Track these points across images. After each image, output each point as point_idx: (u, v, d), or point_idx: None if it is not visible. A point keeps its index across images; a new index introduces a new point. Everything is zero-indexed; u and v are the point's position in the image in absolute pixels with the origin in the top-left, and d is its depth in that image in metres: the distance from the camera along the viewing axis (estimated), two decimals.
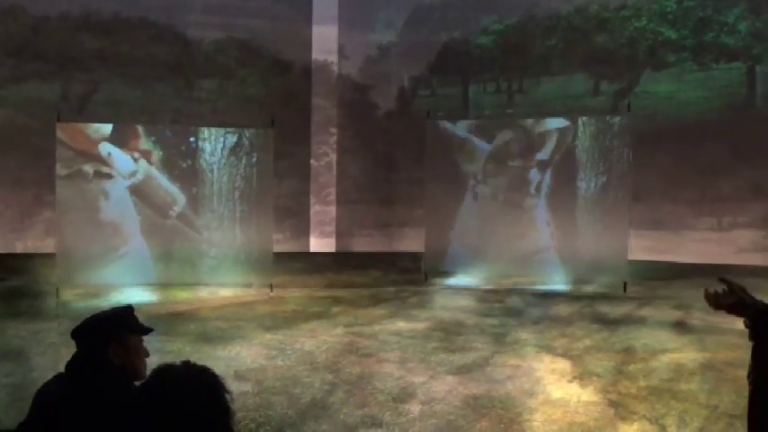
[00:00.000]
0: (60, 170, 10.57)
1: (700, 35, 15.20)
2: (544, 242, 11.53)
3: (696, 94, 15.21)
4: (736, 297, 2.80)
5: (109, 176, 10.77)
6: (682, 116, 15.13)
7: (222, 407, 2.11)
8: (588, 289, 11.19)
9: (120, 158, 10.79)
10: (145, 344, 3.10)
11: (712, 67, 15.11)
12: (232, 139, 11.08)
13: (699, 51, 15.22)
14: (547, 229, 11.54)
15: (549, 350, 7.51)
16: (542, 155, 11.62)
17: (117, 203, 10.81)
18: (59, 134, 10.58)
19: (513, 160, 11.82)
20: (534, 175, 11.65)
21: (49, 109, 13.72)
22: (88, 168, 10.69)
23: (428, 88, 17.60)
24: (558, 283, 11.49)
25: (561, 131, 11.62)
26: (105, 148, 10.73)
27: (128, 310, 3.10)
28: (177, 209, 10.99)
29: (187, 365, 2.19)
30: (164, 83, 16.09)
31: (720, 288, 2.85)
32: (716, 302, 2.86)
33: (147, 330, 3.11)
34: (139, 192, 10.86)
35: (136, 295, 9.94)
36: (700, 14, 15.22)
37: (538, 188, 11.62)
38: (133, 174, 10.83)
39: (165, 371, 2.15)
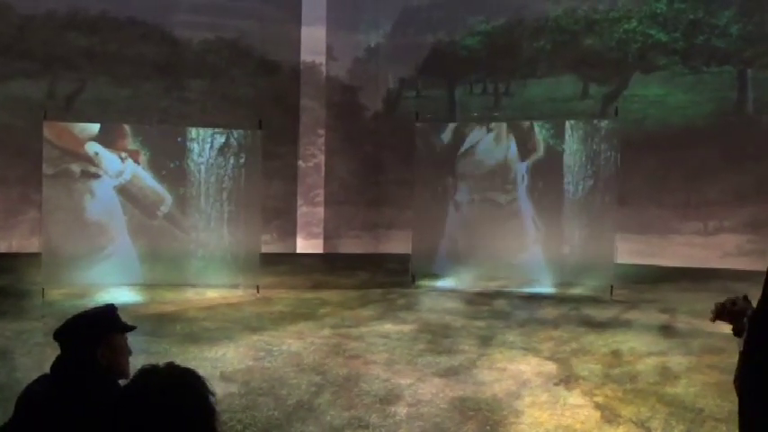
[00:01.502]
0: (47, 169, 10.50)
1: (690, 38, 15.12)
2: (530, 245, 11.55)
3: (686, 98, 15.14)
4: (736, 304, 2.88)
5: (95, 176, 10.72)
6: (671, 120, 15.07)
7: (206, 408, 2.10)
8: (575, 292, 11.23)
9: (107, 158, 10.74)
10: (131, 345, 3.09)
11: (703, 71, 15.04)
12: (220, 139, 11.06)
13: (689, 54, 15.13)
14: (533, 231, 11.56)
15: (536, 353, 7.53)
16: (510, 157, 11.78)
17: (103, 203, 10.76)
18: (46, 133, 10.52)
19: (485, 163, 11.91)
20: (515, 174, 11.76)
21: (34, 108, 13.68)
22: (75, 168, 10.63)
23: (414, 90, 17.55)
24: (545, 286, 11.51)
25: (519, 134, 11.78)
26: (92, 148, 10.68)
27: (111, 309, 3.08)
28: (164, 209, 10.95)
29: (170, 367, 2.17)
30: (151, 82, 16.02)
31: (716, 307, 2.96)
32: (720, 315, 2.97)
33: (131, 328, 3.10)
34: (126, 192, 10.82)
35: (122, 295, 9.91)
36: (690, 17, 15.12)
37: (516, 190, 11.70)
38: (120, 173, 10.78)
39: (148, 372, 2.13)
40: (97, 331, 2.96)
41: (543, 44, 16.36)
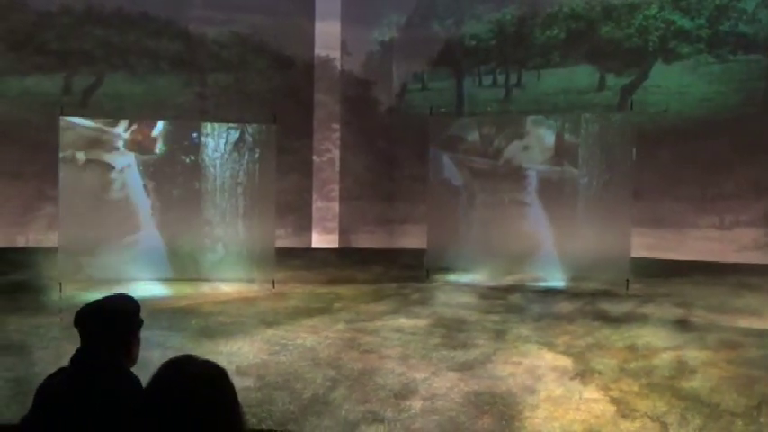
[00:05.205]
0: (62, 163, 10.57)
1: (716, 24, 14.47)
2: (545, 239, 11.51)
3: (711, 89, 14.56)
4: None
5: (111, 169, 10.78)
6: (694, 112, 14.58)
7: (234, 397, 2.13)
8: (590, 286, 11.19)
9: (115, 153, 10.82)
10: (147, 339, 3.11)
11: (729, 60, 14.43)
12: (235, 134, 11.08)
13: (715, 42, 14.46)
14: (547, 226, 11.52)
15: (551, 347, 7.51)
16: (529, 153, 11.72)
17: (118, 198, 10.82)
18: (62, 127, 10.59)
19: (500, 158, 11.86)
20: (529, 172, 11.69)
21: (50, 103, 13.78)
22: (89, 162, 10.70)
23: (420, 82, 17.33)
24: (560, 281, 11.48)
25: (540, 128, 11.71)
26: (101, 144, 10.77)
27: (137, 304, 3.09)
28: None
29: (195, 359, 2.19)
30: (167, 78, 16.09)
31: None
32: None
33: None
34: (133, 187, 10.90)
35: (138, 290, 9.92)
36: (716, 2, 14.44)
37: (532, 185, 11.65)
38: (127, 168, 10.86)
39: (176, 364, 2.15)
40: (135, 327, 2.99)
41: (557, 33, 15.88)
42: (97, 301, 3.00)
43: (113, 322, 2.93)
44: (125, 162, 10.85)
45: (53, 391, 2.83)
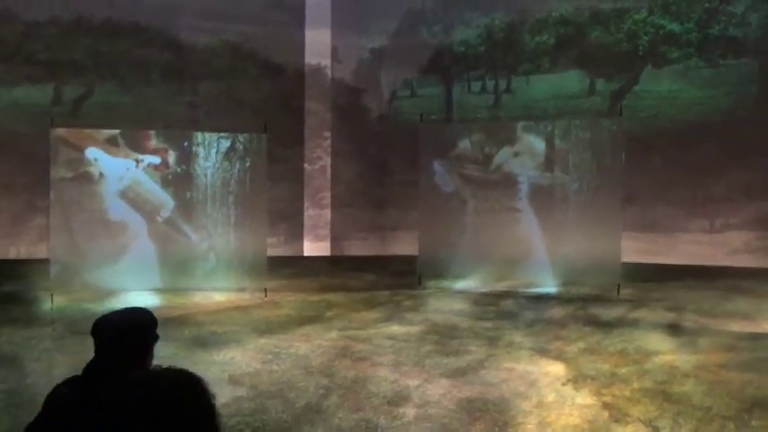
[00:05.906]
0: (54, 174, 10.55)
1: (705, 28, 14.46)
2: (536, 245, 11.54)
3: (702, 93, 14.57)
4: None
5: (97, 181, 10.76)
6: (684, 117, 14.59)
7: (212, 407, 2.13)
8: (581, 291, 11.21)
9: (107, 163, 10.77)
10: None
11: (719, 63, 14.42)
12: (226, 143, 11.09)
13: (705, 46, 14.45)
14: (538, 231, 11.55)
15: (543, 353, 7.53)
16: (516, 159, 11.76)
17: (109, 208, 10.80)
18: (54, 138, 10.57)
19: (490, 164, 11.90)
20: (520, 178, 11.73)
21: (39, 114, 13.76)
22: (81, 172, 10.69)
23: (410, 89, 17.33)
24: (552, 286, 11.50)
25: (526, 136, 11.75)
26: (92, 154, 10.73)
27: (154, 318, 3.09)
28: (165, 213, 10.98)
29: (173, 369, 2.19)
30: (157, 87, 16.07)
31: None
32: None
33: None
34: (125, 197, 10.85)
35: (130, 300, 9.92)
36: (705, 5, 14.44)
37: (523, 191, 11.68)
38: (120, 178, 10.82)
39: (153, 374, 2.16)
40: (151, 340, 2.98)
41: (546, 38, 15.84)
42: (114, 313, 3.00)
43: (129, 335, 2.91)
44: (119, 172, 10.84)
45: (61, 401, 2.81)
